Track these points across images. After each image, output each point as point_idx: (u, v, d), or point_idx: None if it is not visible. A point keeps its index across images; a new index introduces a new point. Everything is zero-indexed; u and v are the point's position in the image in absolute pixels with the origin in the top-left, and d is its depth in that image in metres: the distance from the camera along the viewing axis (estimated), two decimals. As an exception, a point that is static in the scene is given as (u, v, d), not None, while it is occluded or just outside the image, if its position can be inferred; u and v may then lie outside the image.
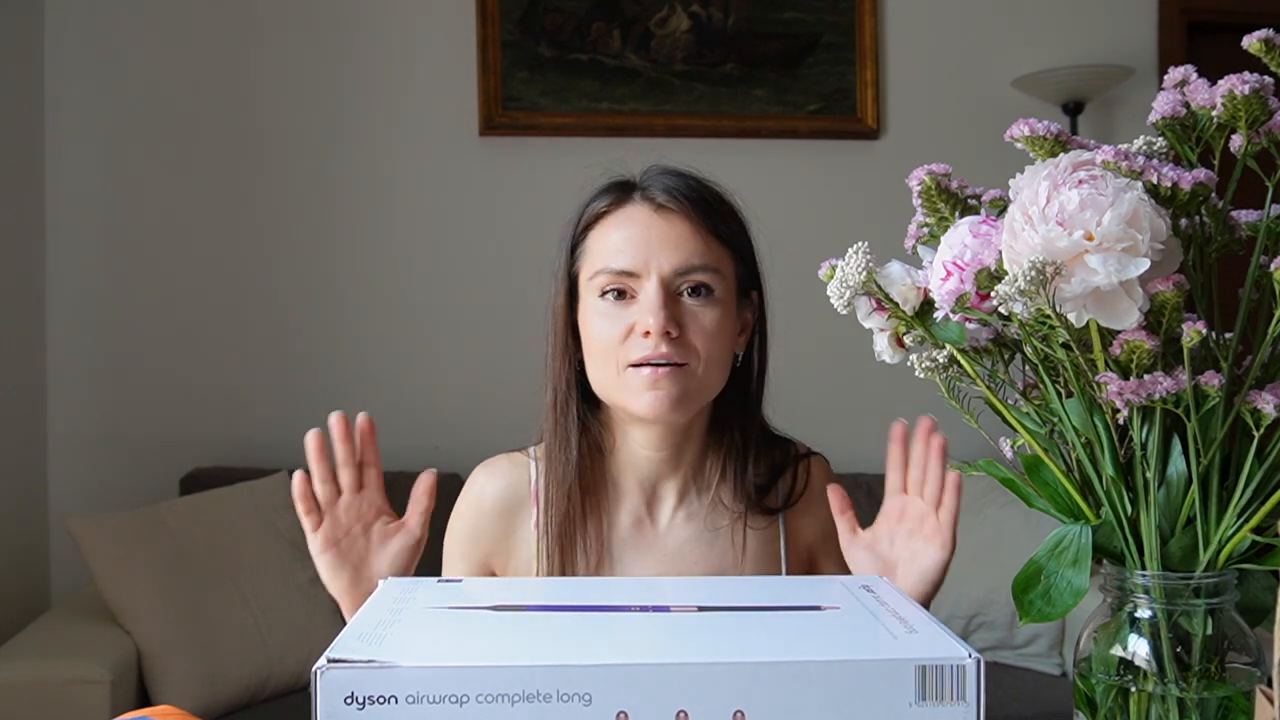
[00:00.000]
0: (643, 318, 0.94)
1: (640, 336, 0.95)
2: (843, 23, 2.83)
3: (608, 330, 0.96)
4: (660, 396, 0.95)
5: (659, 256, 0.95)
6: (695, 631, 0.64)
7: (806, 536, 1.08)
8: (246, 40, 2.69)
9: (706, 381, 0.98)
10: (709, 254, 0.97)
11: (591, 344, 0.98)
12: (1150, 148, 0.67)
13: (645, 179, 1.01)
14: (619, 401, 0.98)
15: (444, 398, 2.71)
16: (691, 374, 0.96)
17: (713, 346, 0.96)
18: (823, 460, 1.12)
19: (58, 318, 2.62)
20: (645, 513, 1.05)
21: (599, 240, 0.99)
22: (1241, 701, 0.61)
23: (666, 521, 1.05)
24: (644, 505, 1.05)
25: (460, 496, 1.09)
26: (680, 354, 0.95)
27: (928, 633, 0.64)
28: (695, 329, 0.96)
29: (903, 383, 1.32)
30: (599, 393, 1.00)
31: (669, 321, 0.94)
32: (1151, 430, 0.62)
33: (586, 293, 0.99)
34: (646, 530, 1.04)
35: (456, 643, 0.62)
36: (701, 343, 0.96)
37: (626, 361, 0.96)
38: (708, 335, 0.96)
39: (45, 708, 1.79)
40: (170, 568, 2.05)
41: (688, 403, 0.97)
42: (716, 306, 0.97)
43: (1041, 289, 0.56)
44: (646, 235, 0.96)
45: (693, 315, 0.96)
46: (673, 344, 0.94)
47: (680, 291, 0.96)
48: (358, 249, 2.72)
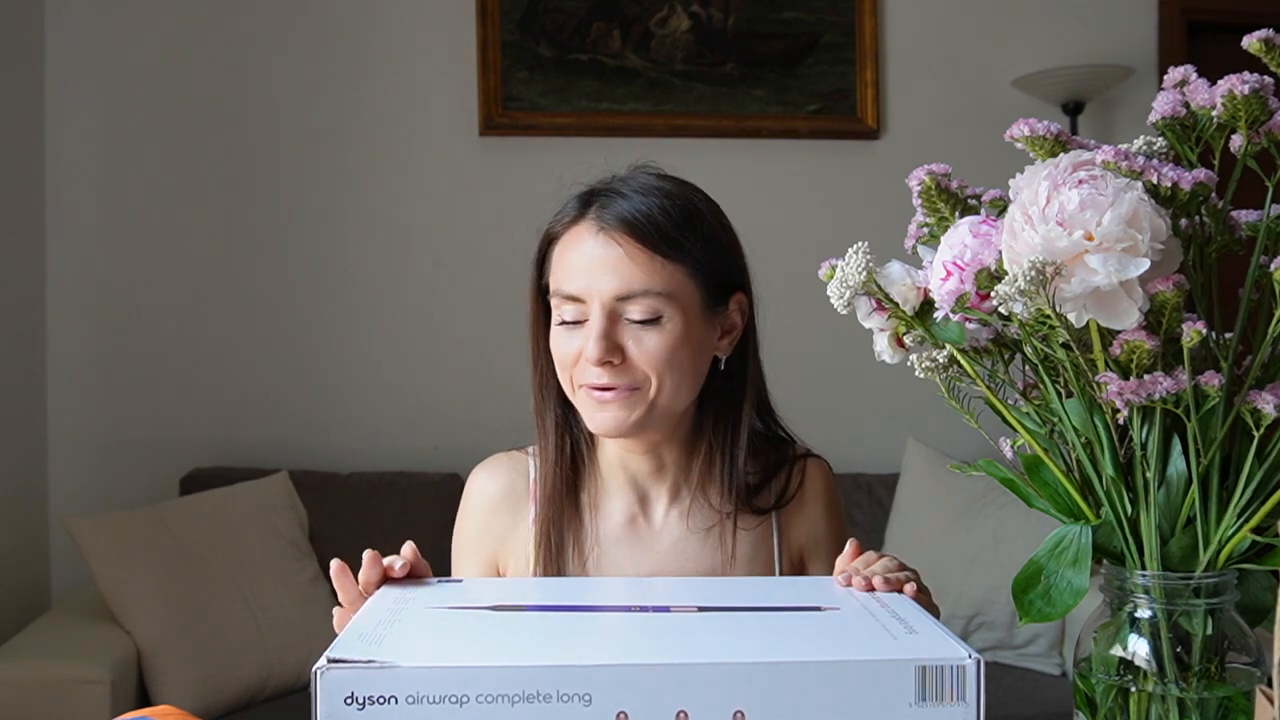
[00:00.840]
0: (586, 345, 0.94)
1: (587, 362, 0.95)
2: (843, 23, 2.83)
3: (561, 351, 0.98)
4: (609, 418, 0.96)
5: (599, 282, 0.94)
6: (695, 632, 0.64)
7: (797, 538, 1.08)
8: (246, 41, 2.69)
9: (663, 399, 0.96)
10: (653, 278, 0.94)
11: (555, 361, 1.00)
12: (1150, 148, 0.67)
13: (603, 194, 0.99)
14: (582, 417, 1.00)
15: (444, 398, 2.71)
16: (642, 396, 0.95)
17: (664, 368, 0.95)
18: (821, 463, 1.11)
19: (58, 318, 2.62)
20: (639, 510, 1.05)
21: (557, 259, 0.99)
22: (1241, 701, 0.61)
23: (661, 520, 1.05)
24: (637, 503, 1.05)
25: (462, 498, 1.09)
26: (626, 380, 0.95)
27: (927, 633, 0.64)
28: (640, 354, 0.95)
29: (903, 383, 1.33)
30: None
31: (608, 351, 0.93)
32: (1151, 430, 0.62)
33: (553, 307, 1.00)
34: (641, 528, 1.05)
35: (456, 643, 0.62)
36: (649, 366, 0.95)
37: (579, 382, 0.97)
38: (655, 359, 0.94)
39: (45, 708, 1.79)
40: (170, 568, 2.05)
41: (642, 422, 0.97)
42: (664, 330, 0.95)
43: (1041, 289, 0.56)
44: (589, 260, 0.95)
45: (638, 340, 0.95)
46: (616, 371, 0.94)
47: (627, 317, 0.95)
48: (358, 249, 2.72)
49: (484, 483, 1.08)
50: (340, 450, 2.65)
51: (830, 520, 1.09)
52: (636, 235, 0.95)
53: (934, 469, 2.48)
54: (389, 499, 2.44)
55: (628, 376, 0.95)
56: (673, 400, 0.97)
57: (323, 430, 2.67)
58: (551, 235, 1.00)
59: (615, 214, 0.95)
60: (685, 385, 0.98)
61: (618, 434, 0.97)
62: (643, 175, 1.01)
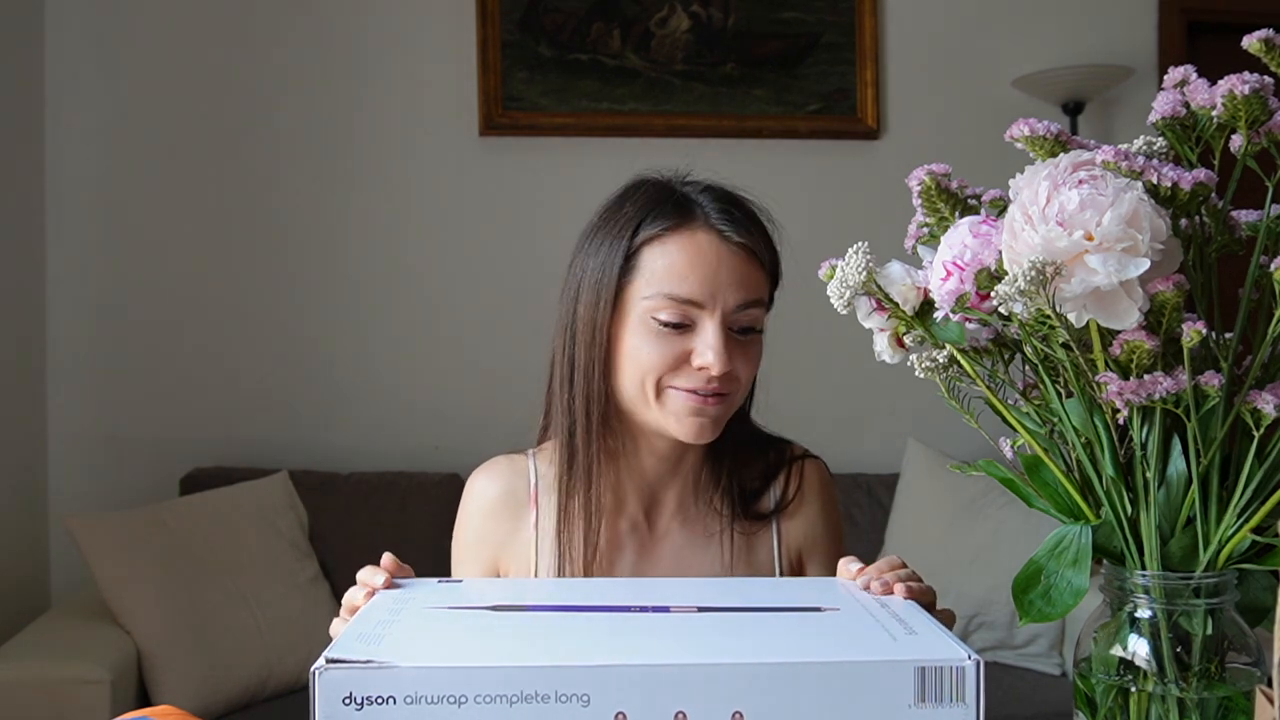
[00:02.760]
0: (702, 353, 0.94)
1: (694, 369, 0.95)
2: (843, 23, 2.83)
3: (659, 355, 0.95)
4: (704, 423, 0.96)
5: (725, 293, 0.95)
6: (694, 632, 0.64)
7: (795, 539, 1.07)
8: (246, 40, 2.69)
9: (739, 405, 1.01)
10: (762, 288, 0.98)
11: (634, 361, 0.96)
12: (1150, 148, 0.67)
13: (703, 200, 0.98)
14: (652, 420, 0.98)
15: (444, 397, 2.71)
16: (732, 402, 0.98)
17: (751, 375, 1.00)
18: (818, 462, 1.11)
19: (58, 318, 2.62)
20: (643, 518, 1.05)
21: (659, 260, 0.96)
22: (1241, 701, 0.61)
23: (663, 528, 1.05)
24: (641, 512, 1.05)
25: (462, 501, 1.08)
26: (728, 386, 0.97)
27: (927, 634, 0.64)
28: (741, 362, 0.97)
29: (903, 383, 1.33)
30: (628, 405, 0.99)
31: (729, 362, 0.94)
32: (1151, 430, 0.62)
33: (636, 309, 0.96)
34: (643, 536, 1.04)
35: (455, 643, 0.62)
36: (745, 374, 0.98)
37: (670, 384, 0.96)
38: (750, 366, 0.98)
39: (45, 708, 1.78)
40: (170, 568, 2.05)
41: (721, 426, 0.99)
42: (758, 341, 0.99)
43: (1041, 289, 0.56)
44: (715, 268, 0.95)
45: (742, 350, 0.97)
46: (722, 379, 0.95)
47: (733, 326, 0.96)
48: (358, 249, 2.72)
49: (484, 486, 1.06)
50: (340, 450, 2.65)
51: (828, 520, 1.09)
52: (758, 248, 0.97)
53: (934, 469, 2.48)
54: (389, 499, 2.44)
55: (731, 385, 0.97)
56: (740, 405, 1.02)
57: (323, 430, 2.67)
58: (652, 234, 0.97)
59: (735, 224, 0.97)
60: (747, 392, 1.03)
61: (705, 438, 0.98)
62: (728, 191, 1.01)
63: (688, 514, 1.05)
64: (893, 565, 0.81)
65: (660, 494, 1.05)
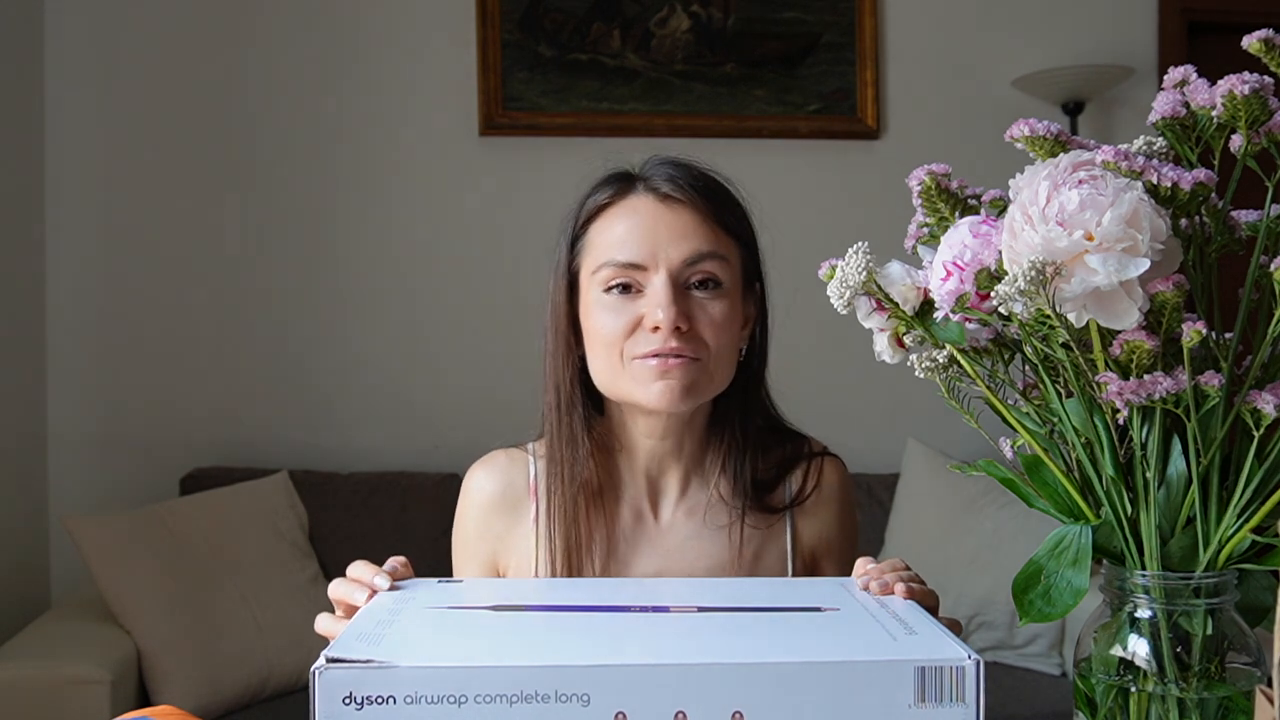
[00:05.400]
0: (651, 312, 0.92)
1: (649, 331, 0.93)
2: (843, 23, 2.83)
3: (613, 324, 0.94)
4: (670, 386, 0.93)
5: (667, 248, 0.94)
6: (694, 632, 0.64)
7: (810, 538, 1.06)
8: (246, 40, 2.69)
9: (715, 375, 0.96)
10: (718, 243, 0.95)
11: (595, 338, 0.96)
12: (1150, 148, 0.67)
13: (647, 170, 0.99)
14: (625, 393, 0.96)
15: (443, 397, 2.71)
16: (702, 367, 0.94)
17: (722, 339, 0.95)
18: (838, 462, 1.09)
19: (58, 318, 2.62)
20: (647, 507, 1.04)
21: (602, 233, 0.97)
22: (1241, 701, 0.61)
23: (669, 516, 1.03)
24: (646, 500, 1.04)
25: (460, 496, 1.08)
26: (691, 348, 0.93)
27: (927, 634, 0.64)
28: (705, 321, 0.94)
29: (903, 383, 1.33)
30: (602, 387, 0.98)
31: (679, 316, 0.92)
32: (1151, 430, 0.62)
33: (590, 287, 0.97)
34: (648, 525, 1.03)
35: (455, 643, 0.62)
36: (711, 335, 0.94)
37: (633, 354, 0.94)
38: (717, 327, 0.94)
39: (45, 708, 1.78)
40: (170, 568, 2.05)
41: (696, 394, 0.95)
42: (724, 298, 0.95)
43: (1041, 289, 0.56)
44: (653, 226, 0.94)
45: (701, 307, 0.94)
46: (683, 338, 0.93)
47: (689, 284, 0.94)
48: (358, 249, 2.72)
49: (482, 481, 1.06)
50: (340, 450, 2.65)
51: (845, 522, 1.07)
52: (703, 199, 0.95)
53: (934, 469, 2.48)
54: (389, 499, 2.44)
55: (692, 344, 0.94)
56: (722, 378, 0.97)
57: (323, 430, 2.67)
58: (595, 209, 0.98)
59: (675, 182, 0.96)
60: (728, 364, 0.98)
61: (675, 404, 0.94)
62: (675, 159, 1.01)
63: (693, 502, 1.03)
64: (895, 567, 0.81)
65: (660, 480, 1.04)
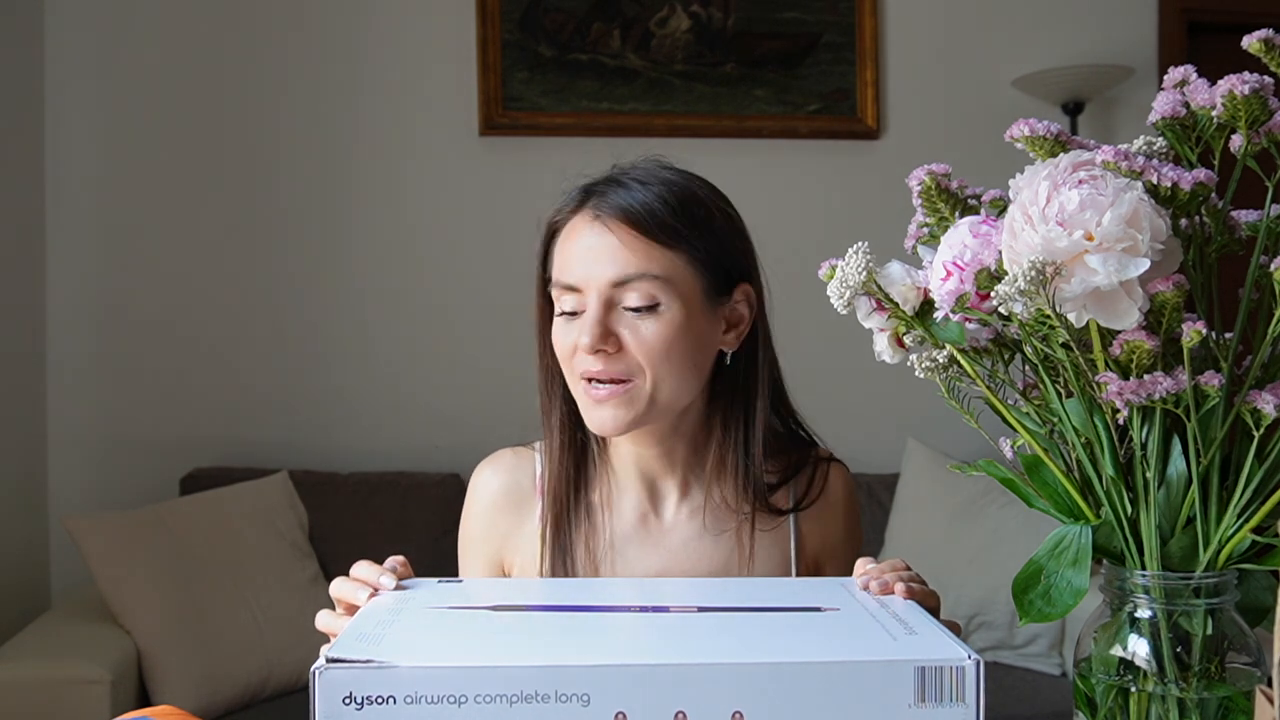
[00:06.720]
0: (579, 334, 0.93)
1: (583, 352, 0.94)
2: (843, 23, 2.83)
3: (562, 343, 0.96)
4: (606, 415, 0.94)
5: (593, 270, 0.94)
6: (694, 632, 0.64)
7: (814, 542, 1.06)
8: (246, 40, 2.69)
9: (661, 395, 0.95)
10: (650, 263, 0.93)
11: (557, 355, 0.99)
12: (1150, 148, 0.67)
13: (600, 185, 0.98)
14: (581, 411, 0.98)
15: (443, 397, 2.71)
16: (638, 391, 0.94)
17: (660, 360, 0.93)
18: (843, 468, 1.09)
19: (58, 318, 2.62)
20: (650, 507, 1.04)
21: (558, 251, 0.98)
22: (1241, 701, 0.61)
23: (671, 516, 1.03)
24: (648, 499, 1.04)
25: (467, 494, 1.08)
26: (621, 370, 0.93)
27: (927, 634, 0.64)
28: (637, 344, 0.93)
29: (903, 383, 1.33)
30: None
31: (600, 339, 0.92)
32: (1151, 430, 0.62)
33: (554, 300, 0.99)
34: (651, 525, 1.03)
35: (455, 643, 0.62)
36: (645, 357, 0.93)
37: (576, 375, 0.96)
38: (650, 349, 0.93)
39: (45, 708, 1.78)
40: (170, 568, 2.05)
41: (639, 419, 0.95)
42: (662, 319, 0.93)
43: (1041, 289, 0.56)
44: (586, 249, 0.95)
45: (634, 329, 0.93)
46: (610, 360, 0.93)
47: (623, 305, 0.94)
48: (358, 249, 2.72)
49: (488, 479, 1.06)
50: (340, 450, 2.65)
51: (850, 528, 1.08)
52: (630, 221, 0.94)
53: (934, 469, 2.48)
54: (389, 499, 2.44)
55: (621, 365, 0.93)
56: (673, 396, 0.96)
57: (323, 430, 2.67)
58: (553, 228, 1.00)
59: (611, 203, 0.95)
60: (686, 379, 0.96)
61: (614, 432, 0.96)
62: (645, 165, 1.00)
63: (695, 504, 1.03)
64: (895, 567, 0.81)
65: (660, 483, 1.04)
